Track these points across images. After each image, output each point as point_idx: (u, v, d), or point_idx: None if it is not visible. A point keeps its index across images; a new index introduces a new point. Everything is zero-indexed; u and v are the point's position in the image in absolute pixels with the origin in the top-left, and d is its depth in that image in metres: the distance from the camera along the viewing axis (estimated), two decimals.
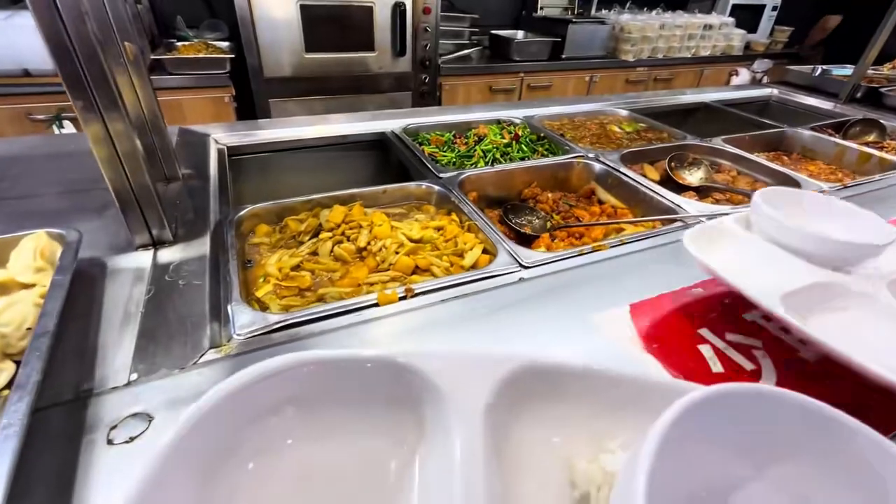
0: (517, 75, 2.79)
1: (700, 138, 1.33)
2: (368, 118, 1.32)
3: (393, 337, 0.58)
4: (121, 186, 0.63)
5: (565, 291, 0.67)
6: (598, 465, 0.26)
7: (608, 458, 0.26)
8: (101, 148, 0.60)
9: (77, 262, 0.58)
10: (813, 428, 0.25)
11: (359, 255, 0.77)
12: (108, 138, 0.60)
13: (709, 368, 0.54)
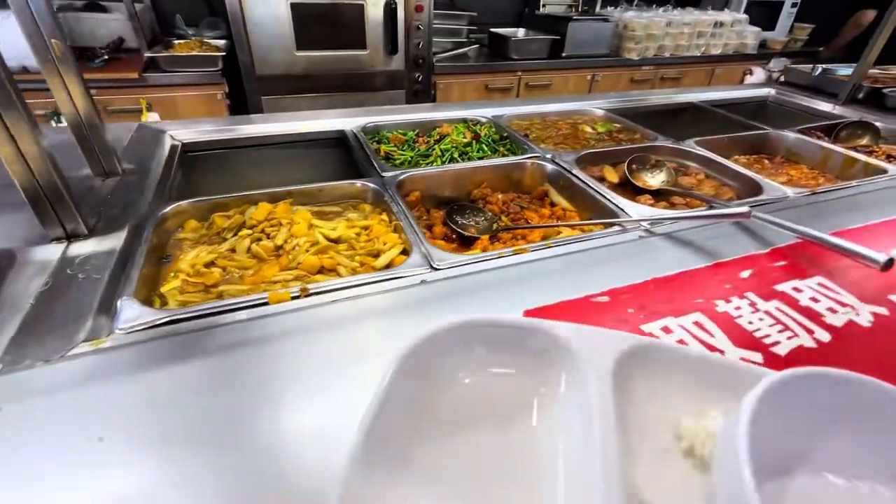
0: (515, 74, 2.75)
1: (673, 140, 1.28)
2: (332, 116, 1.32)
3: (281, 335, 0.57)
4: (28, 183, 0.65)
5: (463, 296, 0.65)
6: (702, 425, 0.31)
7: (710, 422, 0.32)
8: (3, 147, 0.61)
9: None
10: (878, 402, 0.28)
11: (276, 253, 0.77)
12: (10, 138, 0.61)
13: None
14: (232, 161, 1.18)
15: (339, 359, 0.54)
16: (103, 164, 0.89)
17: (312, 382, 0.51)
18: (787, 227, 0.76)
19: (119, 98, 2.06)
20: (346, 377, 0.52)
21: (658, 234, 0.84)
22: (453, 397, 0.33)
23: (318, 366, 0.53)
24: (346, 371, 0.53)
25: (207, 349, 0.55)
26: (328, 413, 0.48)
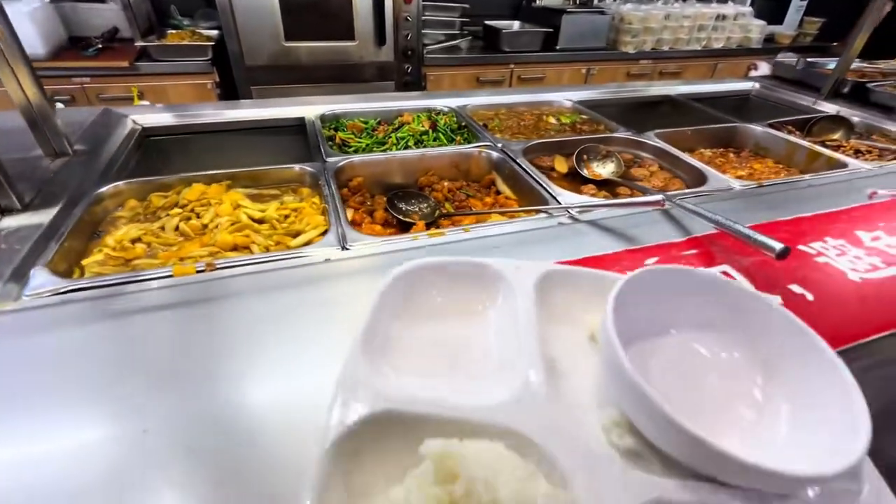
0: (507, 67, 2.74)
1: (634, 132, 1.27)
2: (296, 103, 1.35)
3: (180, 304, 0.60)
4: None
5: (363, 274, 0.67)
6: (599, 318, 0.39)
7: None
8: None
9: None
10: (703, 284, 0.41)
11: (202, 231, 0.80)
12: None
13: None
14: (192, 146, 1.21)
15: (231, 327, 0.57)
16: (53, 145, 0.93)
17: (198, 349, 0.54)
18: (700, 214, 0.76)
19: (111, 86, 2.13)
20: (235, 346, 0.54)
21: (583, 220, 0.84)
22: (426, 307, 0.46)
23: (207, 332, 0.56)
24: (234, 340, 0.55)
25: (108, 314, 0.58)
26: (203, 375, 0.50)
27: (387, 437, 0.33)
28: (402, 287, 0.45)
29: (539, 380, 0.35)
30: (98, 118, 1.14)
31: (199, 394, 0.48)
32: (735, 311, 0.40)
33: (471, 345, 0.42)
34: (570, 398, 0.37)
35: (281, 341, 0.55)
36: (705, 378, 0.39)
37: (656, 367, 0.39)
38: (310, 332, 0.57)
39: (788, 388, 0.36)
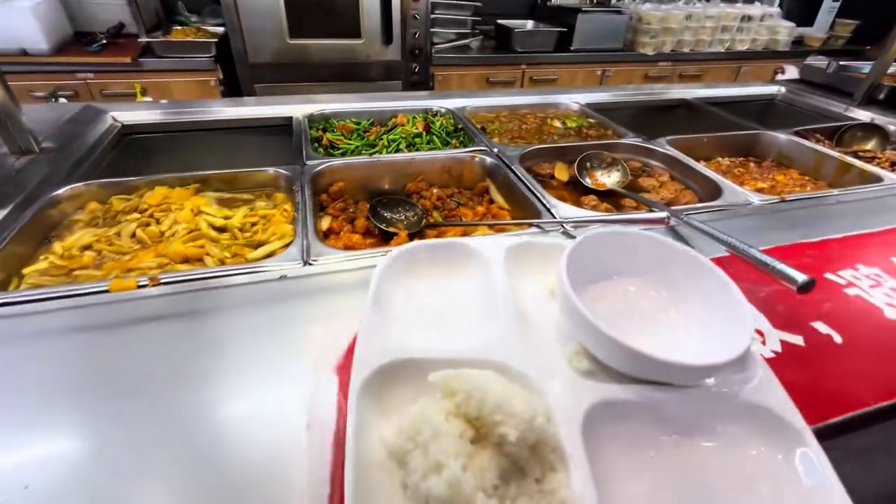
0: (518, 67, 2.65)
1: (644, 138, 1.18)
2: (285, 102, 1.29)
3: (104, 325, 0.54)
4: None
5: (315, 296, 0.60)
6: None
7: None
8: None
9: None
10: (633, 240, 0.51)
11: (159, 239, 0.74)
12: None
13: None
14: (173, 145, 1.16)
15: (160, 354, 0.50)
16: (19, 142, 0.88)
17: (120, 379, 0.47)
18: (710, 234, 0.66)
19: (114, 82, 2.11)
20: (160, 376, 0.47)
21: (577, 237, 0.75)
22: (420, 278, 0.54)
23: (131, 360, 0.49)
24: (160, 369, 0.48)
25: (27, 335, 0.52)
26: (119, 408, 0.43)
27: (402, 375, 0.42)
28: (400, 263, 0.53)
29: (512, 324, 0.45)
30: (77, 114, 1.10)
31: (110, 425, 0.41)
32: (658, 257, 0.50)
33: (458, 304, 0.50)
34: (538, 338, 0.46)
35: (213, 372, 0.48)
36: (637, 307, 0.50)
37: (601, 304, 0.49)
38: (249, 361, 0.49)
39: (696, 308, 0.48)
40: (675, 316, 0.48)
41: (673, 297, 0.49)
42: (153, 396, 0.45)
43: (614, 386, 0.41)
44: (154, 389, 0.46)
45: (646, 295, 0.50)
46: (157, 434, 0.42)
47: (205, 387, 0.47)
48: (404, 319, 0.47)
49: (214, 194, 0.88)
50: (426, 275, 0.53)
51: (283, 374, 0.48)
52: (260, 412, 0.44)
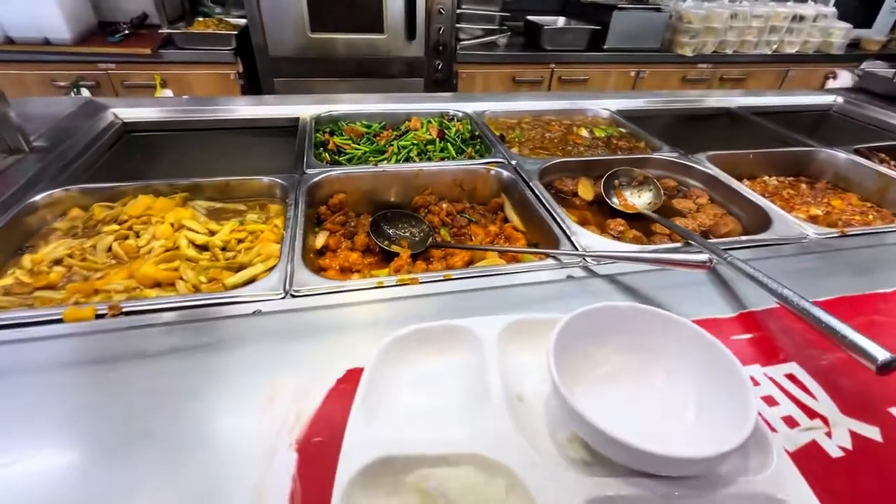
0: (547, 66, 2.52)
1: (681, 152, 1.06)
2: (296, 102, 1.22)
3: (55, 364, 0.47)
4: None
5: (290, 338, 0.52)
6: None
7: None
8: None
9: None
10: (627, 318, 0.46)
11: (136, 254, 0.68)
12: None
13: None
14: (175, 144, 1.11)
15: (95, 406, 0.43)
16: (7, 141, 0.84)
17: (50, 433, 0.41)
18: (761, 283, 0.56)
19: (135, 73, 2.09)
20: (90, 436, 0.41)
21: (600, 275, 0.65)
22: (411, 365, 0.48)
23: (66, 413, 0.43)
24: (93, 427, 0.42)
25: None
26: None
27: (386, 472, 0.37)
28: (394, 351, 0.48)
29: (503, 411, 0.41)
30: (77, 110, 1.06)
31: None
32: (654, 331, 0.45)
33: (450, 391, 0.46)
34: (533, 423, 0.42)
35: (137, 437, 0.41)
36: (632, 389, 0.45)
37: (593, 387, 0.44)
38: (189, 423, 0.42)
39: (696, 388, 0.43)
40: (674, 397, 0.43)
41: (672, 376, 0.44)
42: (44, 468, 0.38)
43: (612, 479, 0.37)
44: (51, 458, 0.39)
45: (642, 374, 0.45)
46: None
47: (119, 457, 0.39)
48: (393, 412, 0.43)
49: (205, 203, 0.82)
50: (419, 360, 0.48)
51: (230, 441, 0.41)
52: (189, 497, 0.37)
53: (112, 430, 0.41)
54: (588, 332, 0.44)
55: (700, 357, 0.42)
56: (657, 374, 0.45)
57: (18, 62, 1.97)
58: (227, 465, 0.38)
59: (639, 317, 0.45)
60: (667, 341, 0.44)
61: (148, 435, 0.41)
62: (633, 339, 0.45)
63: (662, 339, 0.44)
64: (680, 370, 0.43)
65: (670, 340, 0.44)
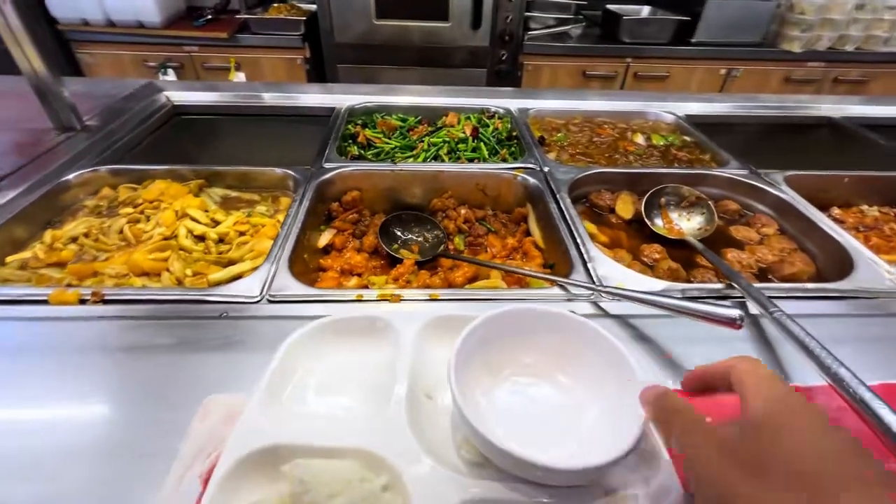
0: (622, 60, 2.32)
1: (752, 169, 0.90)
2: (339, 91, 1.21)
3: (31, 347, 0.49)
4: None
5: (248, 349, 0.49)
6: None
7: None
8: None
9: None
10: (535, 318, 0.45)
11: (142, 238, 0.70)
12: None
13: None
14: (217, 128, 1.14)
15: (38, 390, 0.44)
16: (61, 119, 0.90)
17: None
18: (819, 361, 0.43)
19: (213, 56, 2.22)
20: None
21: (610, 314, 0.56)
22: (323, 353, 0.47)
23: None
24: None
25: None
26: None
27: (269, 462, 0.36)
28: (313, 338, 0.47)
29: (404, 408, 0.40)
30: (135, 92, 1.12)
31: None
32: (567, 336, 0.44)
33: (359, 383, 0.45)
34: (437, 422, 0.42)
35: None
36: (536, 395, 0.44)
37: (497, 390, 0.44)
38: (109, 434, 0.41)
39: (604, 402, 0.42)
40: (581, 403, 0.43)
41: (582, 382, 0.44)
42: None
43: (494, 483, 0.36)
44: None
45: (554, 379, 0.45)
46: None
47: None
48: (295, 401, 0.42)
49: (221, 191, 0.82)
50: (336, 351, 0.47)
51: (148, 451, 0.39)
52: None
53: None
54: (506, 333, 0.44)
55: (611, 366, 0.41)
56: (569, 379, 0.44)
57: (116, 43, 2.17)
58: (136, 487, 0.36)
59: (561, 321, 0.44)
60: (585, 349, 0.43)
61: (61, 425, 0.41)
62: (552, 343, 0.44)
63: (582, 347, 0.43)
64: (591, 378, 0.43)
65: (587, 348, 0.43)
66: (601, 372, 0.42)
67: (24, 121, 0.93)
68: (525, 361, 0.45)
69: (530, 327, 0.45)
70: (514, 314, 0.44)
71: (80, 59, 2.23)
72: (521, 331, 0.45)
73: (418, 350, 0.46)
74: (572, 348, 0.44)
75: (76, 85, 1.13)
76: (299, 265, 0.65)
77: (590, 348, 0.43)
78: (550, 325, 0.44)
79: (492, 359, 0.44)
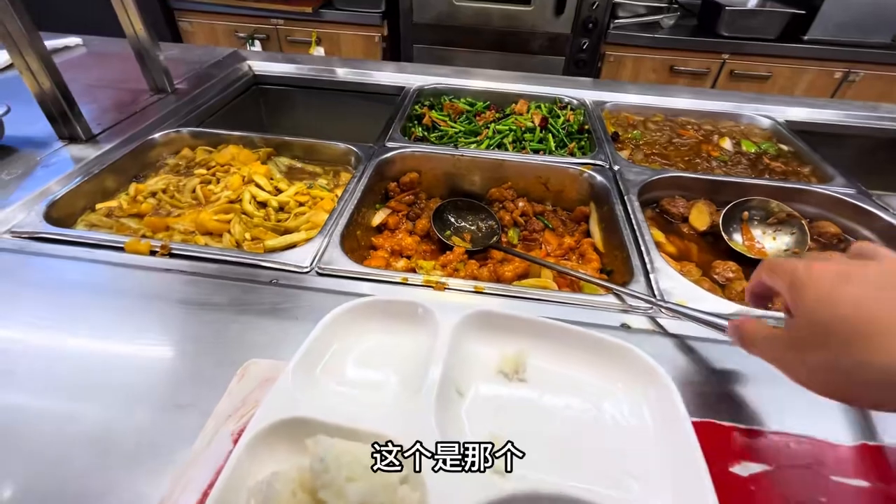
0: (717, 56, 2.12)
1: (860, 188, 0.79)
2: (411, 71, 1.20)
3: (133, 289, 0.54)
4: (36, 91, 0.73)
5: (291, 318, 0.50)
6: (511, 356, 0.46)
7: (516, 354, 0.46)
8: (17, 59, 0.70)
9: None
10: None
11: (212, 199, 0.74)
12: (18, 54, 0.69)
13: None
14: (293, 100, 1.18)
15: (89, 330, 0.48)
16: (155, 81, 0.97)
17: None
18: None
19: (297, 30, 2.30)
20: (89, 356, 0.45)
21: (668, 332, 0.51)
22: (362, 336, 0.47)
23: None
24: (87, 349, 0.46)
25: (27, 280, 0.54)
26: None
27: (294, 434, 0.36)
28: (348, 317, 0.47)
29: (432, 402, 0.38)
30: (222, 60, 1.18)
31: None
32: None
33: (393, 370, 0.44)
34: (463, 419, 0.41)
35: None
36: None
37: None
38: (167, 374, 0.43)
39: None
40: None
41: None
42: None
43: (514, 484, 0.34)
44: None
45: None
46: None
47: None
48: (328, 377, 0.42)
49: (287, 161, 0.85)
50: (375, 331, 0.47)
51: (186, 406, 0.41)
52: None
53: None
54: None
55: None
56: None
57: (212, 13, 2.31)
58: (170, 436, 0.39)
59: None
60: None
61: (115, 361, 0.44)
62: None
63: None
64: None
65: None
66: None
67: (125, 81, 1.01)
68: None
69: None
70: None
71: (180, 27, 2.41)
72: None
73: (456, 343, 0.44)
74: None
75: (171, 51, 1.21)
76: (351, 241, 0.66)
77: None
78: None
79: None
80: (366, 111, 1.18)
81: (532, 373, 0.44)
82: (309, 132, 0.90)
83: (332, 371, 0.43)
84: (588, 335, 0.45)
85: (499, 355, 0.45)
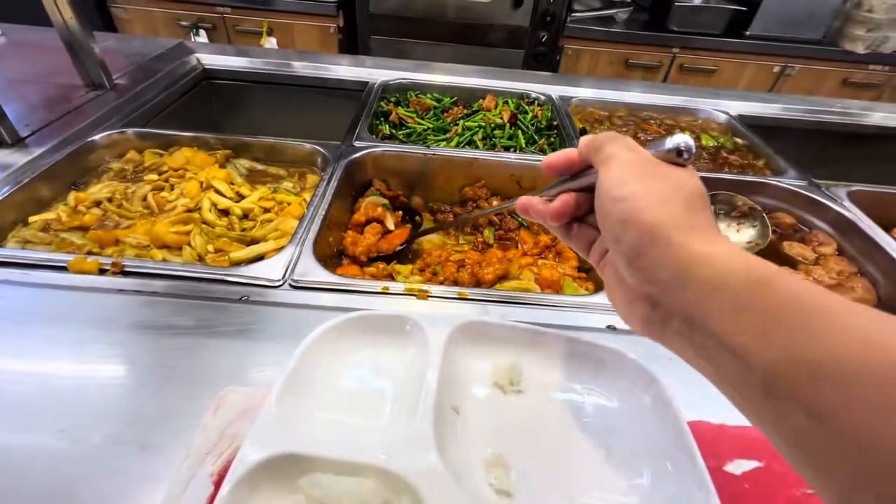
0: (668, 50, 2.20)
1: (812, 180, 0.83)
2: (371, 66, 1.16)
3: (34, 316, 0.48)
4: None
5: (267, 337, 0.47)
6: (505, 366, 0.45)
7: (508, 363, 0.45)
8: None
9: None
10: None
11: (165, 208, 0.67)
12: None
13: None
14: (248, 96, 1.11)
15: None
16: (91, 76, 0.88)
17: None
18: None
19: (246, 19, 2.17)
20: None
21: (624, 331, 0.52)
22: (348, 356, 0.44)
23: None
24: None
25: None
26: None
27: (283, 472, 0.34)
28: (330, 339, 0.44)
29: (429, 423, 0.37)
30: (166, 52, 1.09)
31: None
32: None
33: (382, 391, 0.42)
34: (462, 439, 0.39)
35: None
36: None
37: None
38: (131, 412, 0.39)
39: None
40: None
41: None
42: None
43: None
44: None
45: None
46: None
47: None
48: (315, 401, 0.40)
49: (247, 163, 0.79)
50: (361, 350, 0.45)
51: (155, 442, 0.37)
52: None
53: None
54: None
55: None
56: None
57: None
58: (136, 479, 0.35)
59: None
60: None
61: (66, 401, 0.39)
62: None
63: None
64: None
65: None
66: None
67: (54, 75, 0.91)
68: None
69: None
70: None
71: (113, 14, 2.21)
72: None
73: (448, 358, 0.43)
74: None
75: (106, 41, 1.10)
76: (324, 248, 0.62)
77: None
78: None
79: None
80: (327, 107, 1.13)
81: (527, 383, 0.44)
82: (267, 131, 0.85)
83: (320, 396, 0.40)
84: (579, 341, 0.45)
85: (492, 367, 0.44)
